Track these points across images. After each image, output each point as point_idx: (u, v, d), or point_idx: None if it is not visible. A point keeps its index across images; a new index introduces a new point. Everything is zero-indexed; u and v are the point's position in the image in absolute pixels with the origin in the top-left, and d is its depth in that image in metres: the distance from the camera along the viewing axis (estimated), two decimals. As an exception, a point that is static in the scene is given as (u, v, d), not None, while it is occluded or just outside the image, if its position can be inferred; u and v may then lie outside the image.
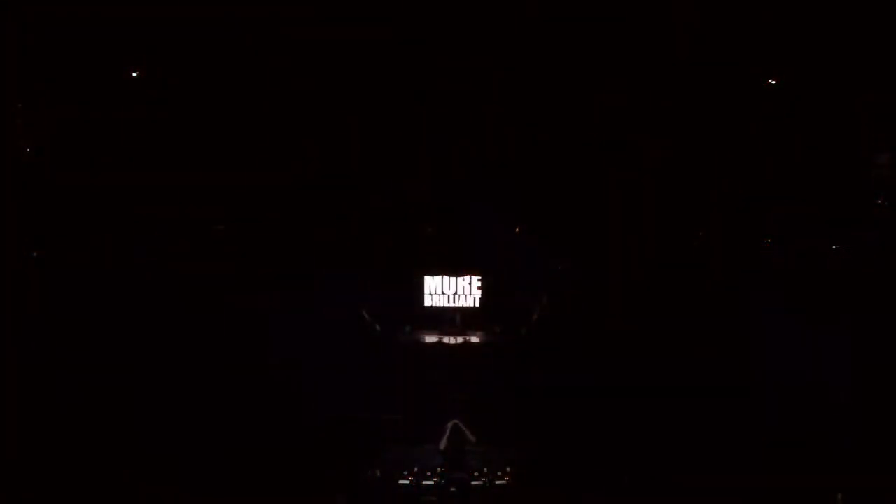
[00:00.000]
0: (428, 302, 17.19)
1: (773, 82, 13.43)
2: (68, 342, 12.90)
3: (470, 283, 17.15)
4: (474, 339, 16.65)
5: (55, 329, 12.80)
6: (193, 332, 14.35)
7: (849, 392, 12.57)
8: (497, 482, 12.72)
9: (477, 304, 17.21)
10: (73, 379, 12.82)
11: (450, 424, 13.64)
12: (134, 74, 13.50)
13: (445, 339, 16.58)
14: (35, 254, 12.85)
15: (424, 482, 12.73)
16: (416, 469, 13.07)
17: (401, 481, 12.74)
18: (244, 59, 13.56)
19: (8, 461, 11.24)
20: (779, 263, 13.49)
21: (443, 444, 13.62)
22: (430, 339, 16.66)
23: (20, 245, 12.61)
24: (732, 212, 13.94)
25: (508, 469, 12.94)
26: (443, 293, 17.20)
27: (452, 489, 12.65)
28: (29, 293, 12.26)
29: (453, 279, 17.12)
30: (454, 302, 17.18)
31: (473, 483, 12.74)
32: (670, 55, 13.41)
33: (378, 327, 16.53)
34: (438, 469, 13.07)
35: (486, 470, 12.96)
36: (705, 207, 14.29)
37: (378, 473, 12.88)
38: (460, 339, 16.61)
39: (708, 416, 13.86)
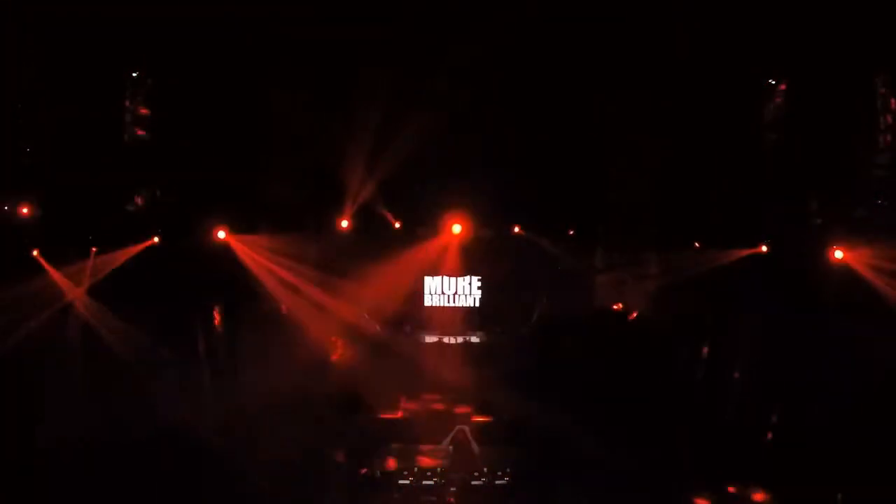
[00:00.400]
0: (428, 302, 17.23)
1: (773, 82, 13.44)
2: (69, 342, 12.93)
3: (470, 283, 17.18)
4: (474, 339, 16.67)
5: (57, 329, 12.83)
6: (193, 331, 14.39)
7: (849, 392, 12.56)
8: (497, 482, 12.75)
9: (477, 304, 17.24)
10: (72, 378, 12.85)
11: (455, 430, 13.68)
12: (134, 74, 13.52)
13: (445, 339, 16.59)
14: (35, 253, 12.86)
15: (424, 482, 12.76)
16: (416, 469, 13.12)
17: (401, 481, 12.77)
18: (244, 59, 13.57)
19: (8, 461, 11.27)
20: (779, 263, 13.48)
21: (445, 443, 13.66)
22: (430, 339, 16.69)
23: (20, 245, 12.64)
24: (733, 212, 13.94)
25: (508, 469, 12.98)
26: (443, 293, 17.23)
27: (452, 489, 12.69)
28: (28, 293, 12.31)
29: (453, 279, 17.15)
30: (454, 302, 17.22)
31: (473, 483, 12.78)
32: (670, 55, 13.42)
33: (378, 327, 16.54)
34: (438, 469, 13.12)
35: (486, 470, 13.01)
36: (705, 207, 14.30)
37: (378, 473, 12.92)
38: (460, 339, 16.63)
39: (709, 417, 13.89)
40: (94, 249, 13.26)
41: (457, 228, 15.32)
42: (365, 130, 14.16)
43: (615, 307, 16.01)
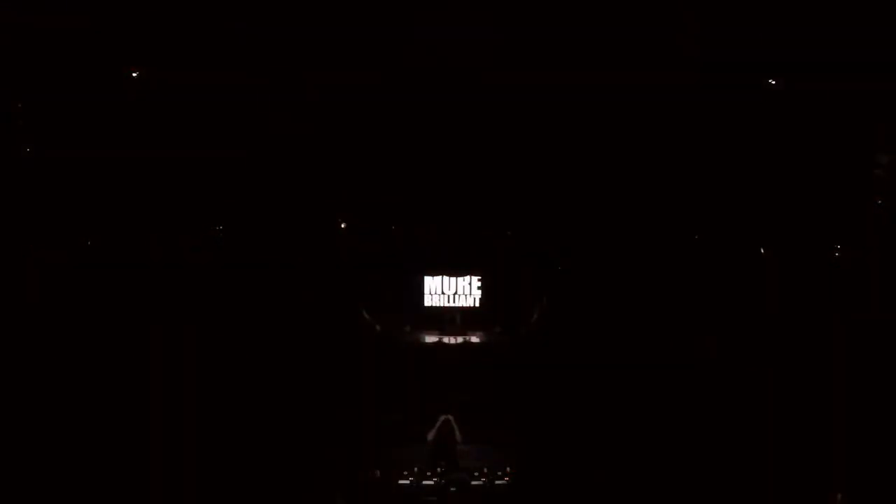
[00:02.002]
0: (428, 302, 17.20)
1: (773, 82, 13.46)
2: (68, 342, 12.92)
3: (470, 283, 17.17)
4: (474, 339, 16.65)
5: (55, 329, 12.83)
6: (192, 331, 14.38)
7: (848, 392, 12.57)
8: (497, 482, 12.73)
9: (477, 304, 17.23)
10: (71, 379, 12.84)
11: (441, 418, 13.64)
12: (134, 75, 13.54)
13: (445, 339, 16.58)
14: (35, 253, 12.88)
15: (424, 482, 12.74)
16: (416, 469, 13.08)
17: (401, 481, 12.74)
18: (244, 59, 13.59)
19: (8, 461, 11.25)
20: (779, 263, 13.50)
21: (431, 436, 13.61)
22: (430, 339, 16.66)
23: (20, 245, 12.65)
24: (732, 212, 13.97)
25: (508, 469, 12.95)
26: (443, 293, 17.21)
27: (452, 489, 12.66)
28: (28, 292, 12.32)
29: (453, 279, 17.14)
30: (454, 302, 17.20)
31: (473, 483, 12.76)
32: (671, 55, 13.45)
33: (378, 327, 16.54)
34: (438, 469, 13.08)
35: (485, 470, 12.97)
36: (705, 208, 14.32)
37: (378, 473, 12.89)
38: (460, 339, 16.61)
39: (708, 417, 13.88)
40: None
41: (454, 226, 15.35)
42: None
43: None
